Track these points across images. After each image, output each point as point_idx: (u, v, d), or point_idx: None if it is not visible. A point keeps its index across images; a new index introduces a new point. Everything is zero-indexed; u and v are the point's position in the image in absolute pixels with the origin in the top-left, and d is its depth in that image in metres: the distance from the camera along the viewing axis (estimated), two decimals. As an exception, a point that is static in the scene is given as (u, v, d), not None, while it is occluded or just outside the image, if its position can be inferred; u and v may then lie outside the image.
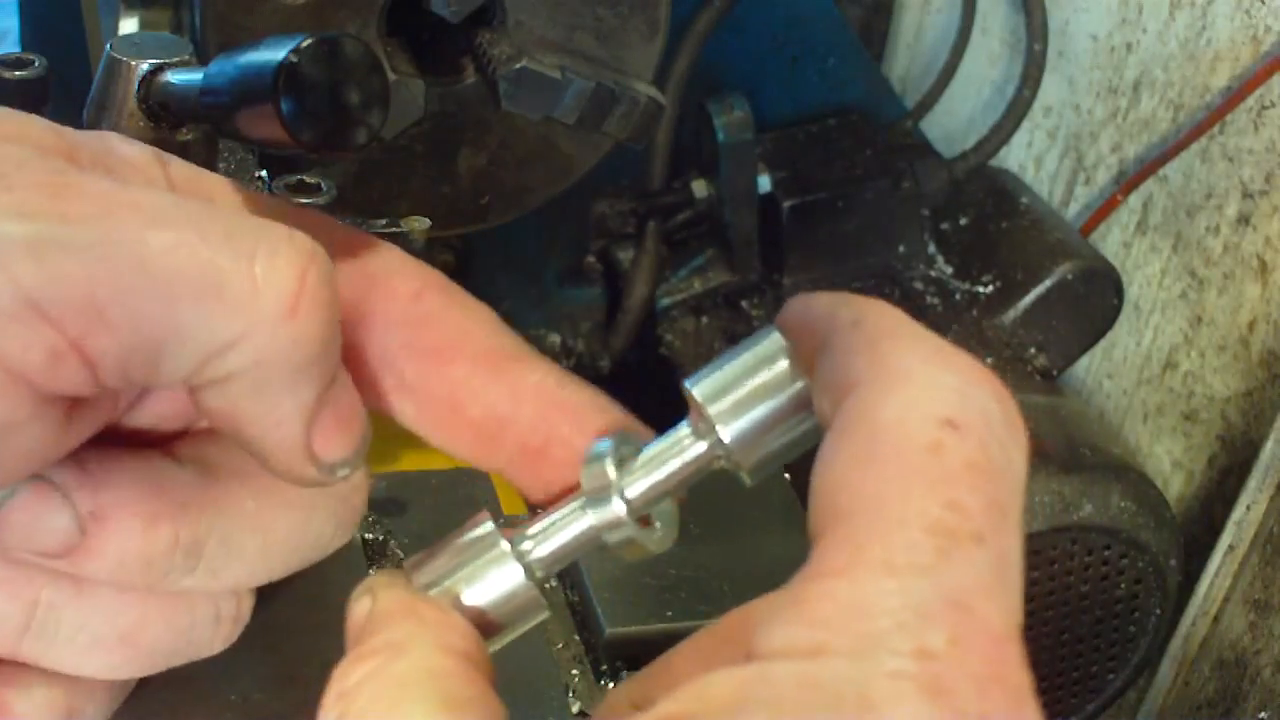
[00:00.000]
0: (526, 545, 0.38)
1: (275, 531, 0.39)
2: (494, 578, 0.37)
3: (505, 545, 0.37)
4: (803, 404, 0.36)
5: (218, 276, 0.31)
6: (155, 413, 0.39)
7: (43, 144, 0.35)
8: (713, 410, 0.36)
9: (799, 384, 0.36)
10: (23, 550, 0.35)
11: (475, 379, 0.40)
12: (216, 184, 0.40)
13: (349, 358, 0.39)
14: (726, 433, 0.36)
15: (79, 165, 0.35)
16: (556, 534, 0.38)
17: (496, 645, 0.37)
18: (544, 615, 0.38)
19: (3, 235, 0.30)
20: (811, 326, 0.35)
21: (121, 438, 0.39)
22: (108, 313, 0.31)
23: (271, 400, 0.34)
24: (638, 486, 0.38)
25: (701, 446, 0.37)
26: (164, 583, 0.37)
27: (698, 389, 0.37)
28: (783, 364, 0.36)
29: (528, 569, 0.37)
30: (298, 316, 0.32)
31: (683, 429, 0.38)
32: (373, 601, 0.36)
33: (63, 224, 0.30)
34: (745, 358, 0.37)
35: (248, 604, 0.41)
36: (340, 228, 0.41)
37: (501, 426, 0.40)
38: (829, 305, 0.34)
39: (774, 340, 0.36)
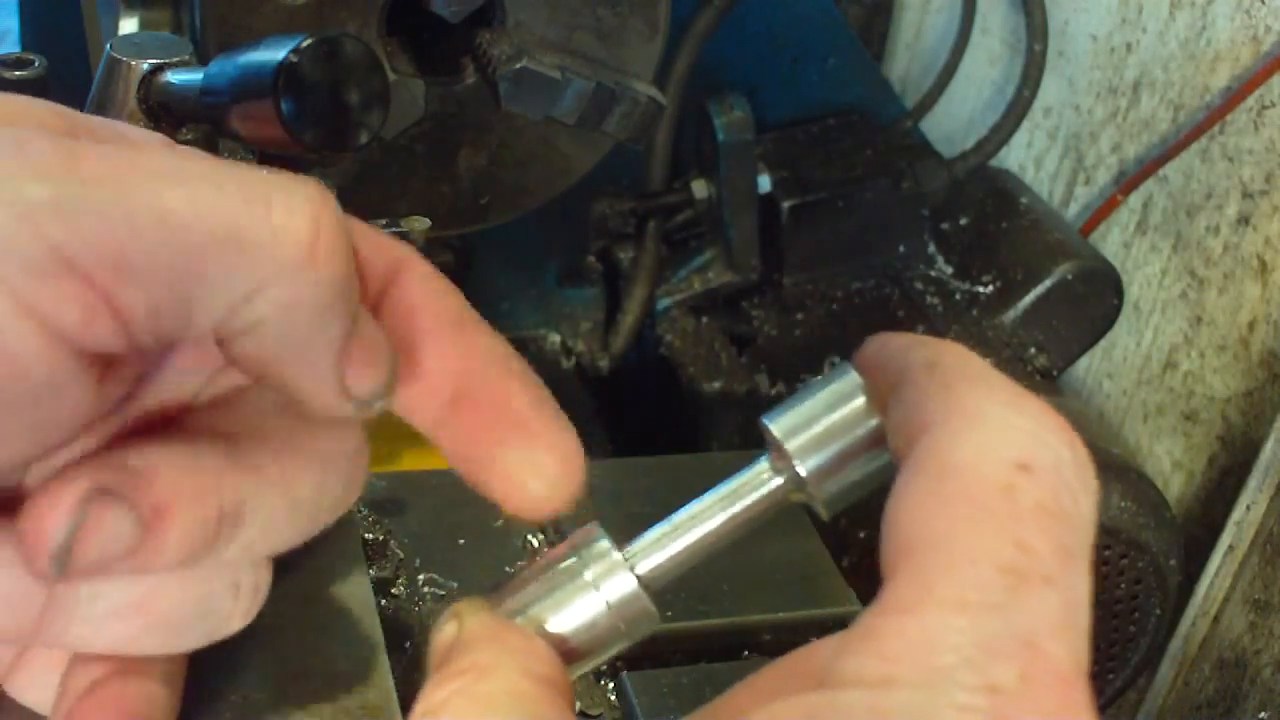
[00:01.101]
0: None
1: (299, 492, 0.39)
2: (577, 606, 0.38)
3: (589, 575, 0.38)
4: (877, 441, 0.37)
5: (236, 227, 0.32)
6: (171, 384, 0.40)
7: (48, 124, 0.35)
8: (791, 446, 0.38)
9: (874, 421, 0.37)
10: (96, 566, 0.35)
11: (439, 338, 0.41)
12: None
13: None
14: (804, 467, 0.38)
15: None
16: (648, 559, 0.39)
17: (579, 671, 0.38)
18: (627, 644, 0.39)
19: (29, 196, 0.30)
20: (887, 365, 0.36)
21: (142, 419, 0.39)
22: (135, 267, 0.31)
23: (301, 341, 0.35)
24: (713, 520, 0.39)
25: (778, 481, 0.39)
26: (210, 558, 0.37)
27: (775, 425, 0.38)
28: (859, 401, 0.38)
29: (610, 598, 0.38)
30: (316, 259, 0.33)
31: (761, 464, 0.39)
32: (459, 626, 0.37)
33: (83, 185, 0.31)
34: (822, 395, 0.38)
35: (266, 576, 0.41)
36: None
37: (447, 381, 0.41)
38: (904, 346, 0.36)
39: (851, 379, 0.38)
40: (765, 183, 1.34)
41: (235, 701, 0.50)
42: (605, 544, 0.38)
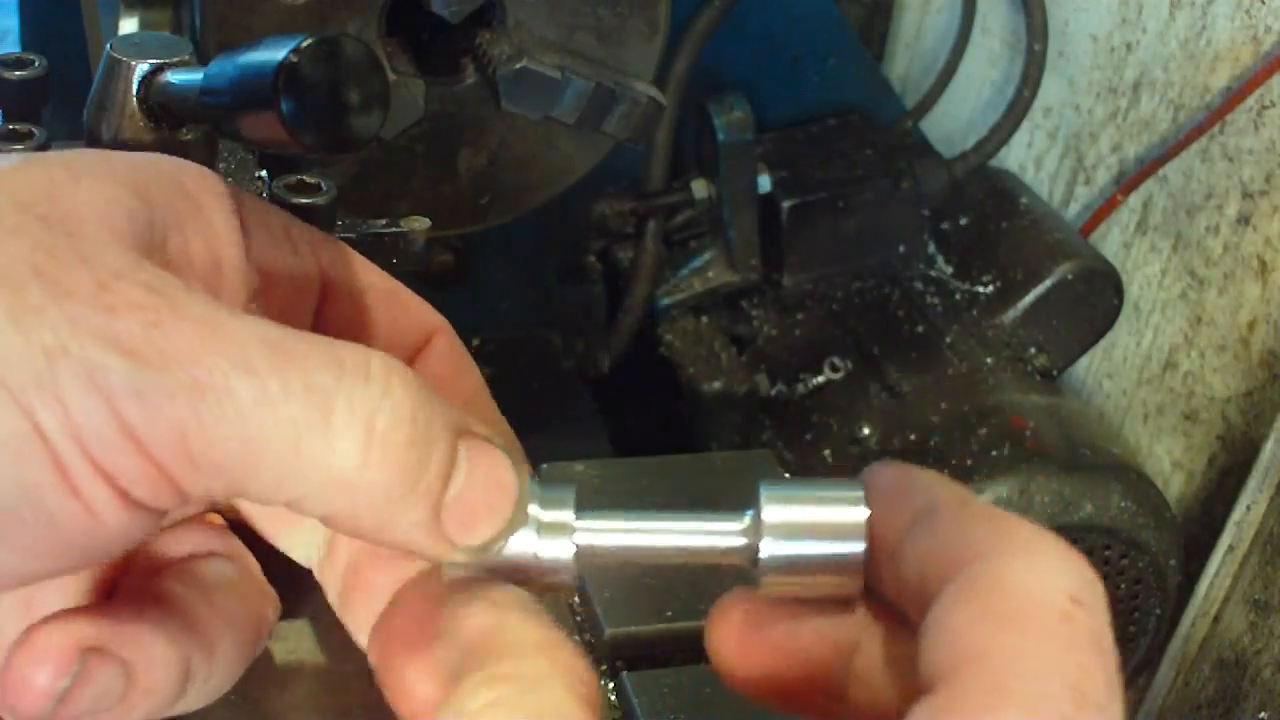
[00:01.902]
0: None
1: (230, 653, 0.43)
2: (512, 541, 0.38)
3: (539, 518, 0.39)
4: (850, 568, 0.37)
5: (295, 435, 0.34)
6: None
7: (131, 216, 0.37)
8: (767, 527, 0.37)
9: (859, 547, 0.37)
10: (81, 716, 0.38)
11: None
12: (271, 211, 0.43)
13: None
14: (765, 554, 0.37)
15: (159, 244, 0.37)
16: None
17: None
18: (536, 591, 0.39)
19: (110, 369, 0.33)
20: (909, 494, 0.37)
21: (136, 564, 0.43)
22: (197, 457, 0.34)
23: (371, 528, 0.36)
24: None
25: (738, 544, 0.38)
26: (172, 705, 0.41)
27: (767, 499, 0.38)
28: (855, 519, 0.37)
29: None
30: (368, 469, 0.35)
31: (739, 522, 0.39)
32: (495, 615, 0.36)
33: (162, 368, 0.33)
34: (826, 496, 0.38)
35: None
36: (374, 267, 0.45)
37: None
38: (930, 481, 0.37)
39: (858, 495, 0.38)
40: (765, 183, 1.34)
41: (235, 701, 0.50)
42: (568, 508, 0.39)
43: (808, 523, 0.37)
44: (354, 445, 0.34)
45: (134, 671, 0.39)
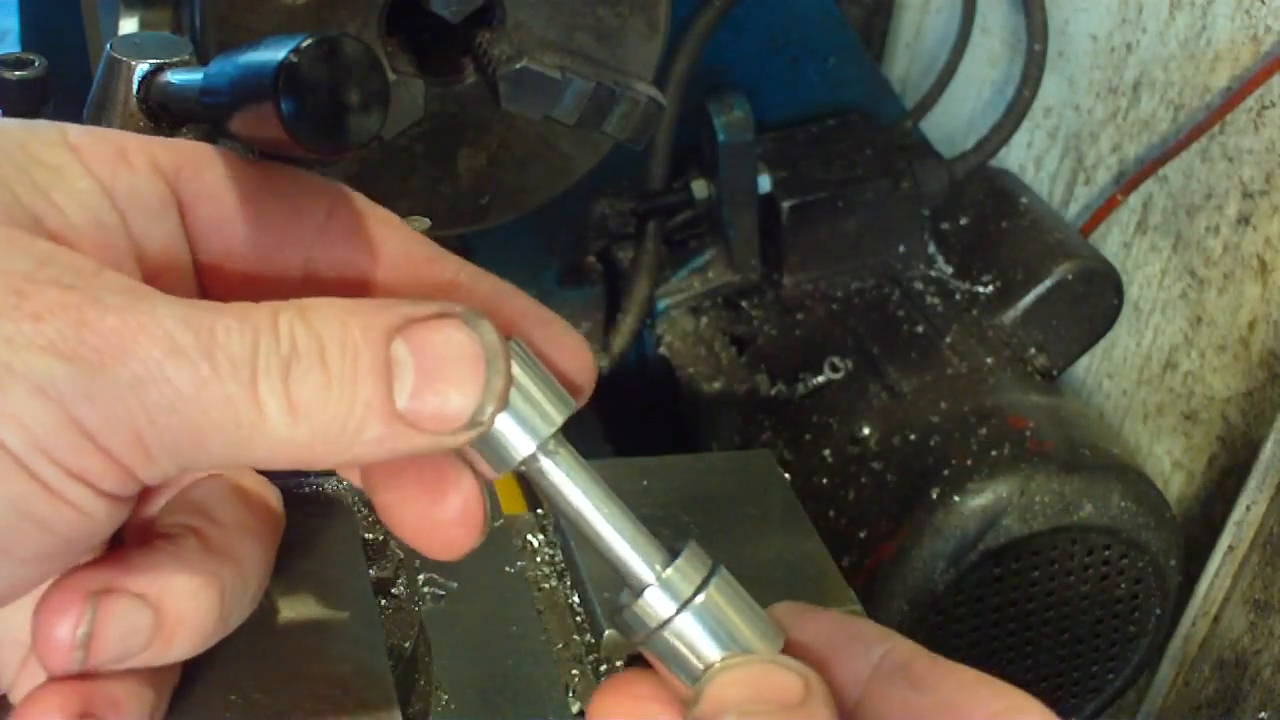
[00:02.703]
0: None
1: (256, 570, 0.44)
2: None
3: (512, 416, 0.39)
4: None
5: (233, 410, 0.35)
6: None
7: (4, 207, 0.37)
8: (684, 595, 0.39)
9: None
10: (117, 658, 0.40)
11: (393, 279, 0.44)
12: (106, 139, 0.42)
13: (254, 259, 0.43)
14: (645, 619, 0.39)
15: (37, 222, 0.38)
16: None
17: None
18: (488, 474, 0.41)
19: (57, 376, 0.34)
20: (856, 646, 0.39)
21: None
22: (151, 448, 0.35)
23: (335, 462, 0.38)
24: None
25: (645, 578, 0.40)
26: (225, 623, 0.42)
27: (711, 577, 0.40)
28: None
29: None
30: (298, 423, 0.36)
31: (659, 563, 0.40)
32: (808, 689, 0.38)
33: (102, 367, 0.34)
34: (751, 612, 0.40)
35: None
36: (239, 157, 0.44)
37: None
38: (877, 634, 0.40)
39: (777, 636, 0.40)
40: (765, 183, 1.34)
41: (235, 701, 0.50)
42: (554, 429, 0.40)
43: (717, 619, 0.39)
44: (279, 406, 0.36)
45: (158, 604, 0.40)
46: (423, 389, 0.37)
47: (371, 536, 0.63)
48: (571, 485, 0.40)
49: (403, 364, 0.37)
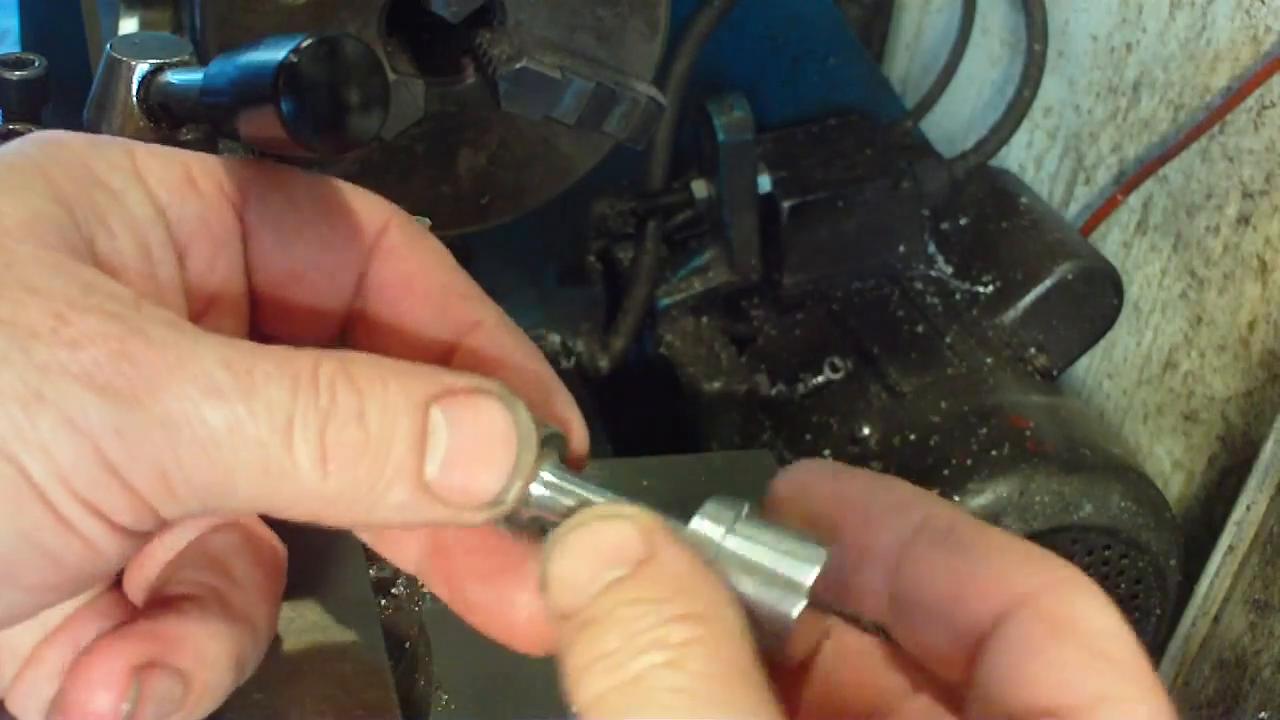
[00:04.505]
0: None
1: (267, 627, 0.44)
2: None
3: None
4: (778, 624, 0.36)
5: (264, 456, 0.35)
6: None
7: (58, 227, 0.37)
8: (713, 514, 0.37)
9: (797, 605, 0.36)
10: None
11: (425, 310, 0.43)
12: (171, 159, 0.42)
13: (311, 282, 0.43)
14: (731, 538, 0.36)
15: (88, 245, 0.38)
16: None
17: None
18: None
19: (88, 408, 0.34)
20: (892, 506, 0.37)
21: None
22: (176, 487, 0.35)
23: (358, 522, 0.38)
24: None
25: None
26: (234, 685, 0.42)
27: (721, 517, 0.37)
28: (814, 569, 0.36)
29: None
30: (328, 478, 0.36)
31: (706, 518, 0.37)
32: (647, 544, 0.35)
33: (136, 403, 0.34)
34: (783, 541, 0.36)
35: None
36: (300, 174, 0.44)
37: (442, 358, 0.43)
38: (914, 494, 0.38)
39: (819, 554, 0.36)
40: (765, 183, 1.34)
41: (235, 701, 0.50)
42: (552, 452, 0.39)
43: (749, 561, 0.36)
44: (311, 458, 0.36)
45: (190, 676, 0.40)
46: (453, 462, 0.37)
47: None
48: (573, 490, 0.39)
49: (437, 434, 0.37)
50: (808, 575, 0.36)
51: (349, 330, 0.45)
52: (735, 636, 0.33)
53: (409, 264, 0.44)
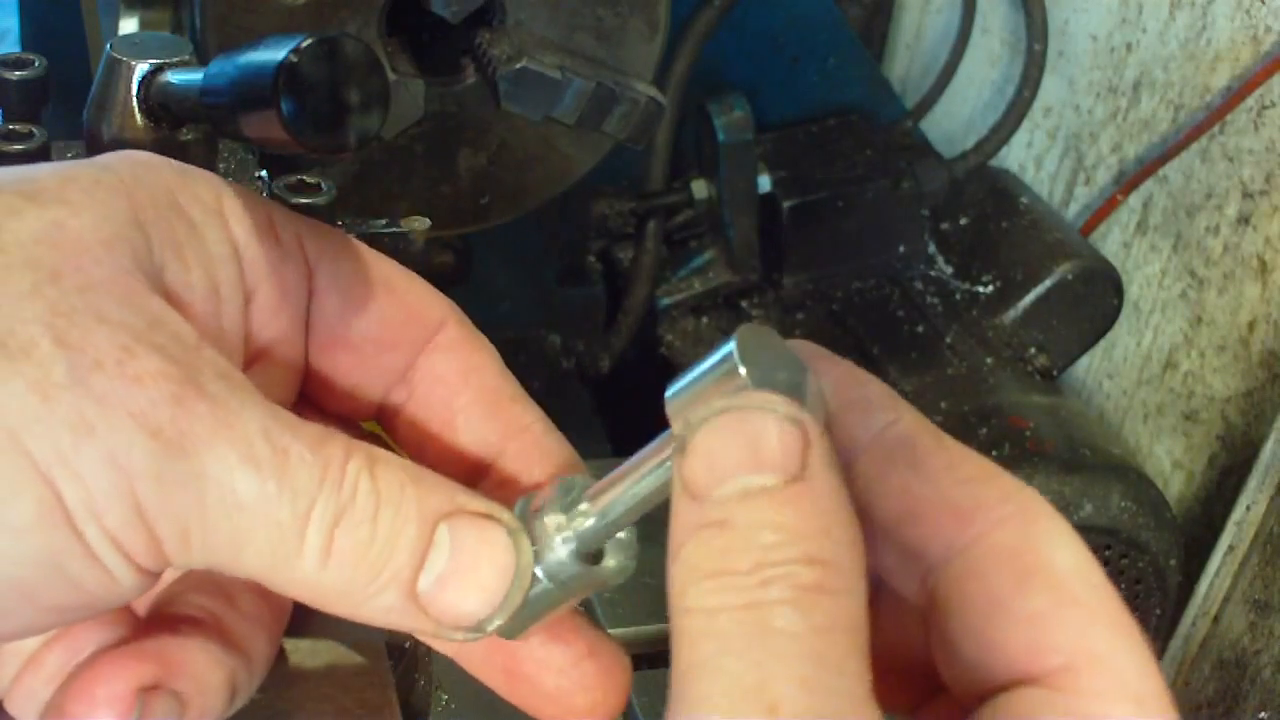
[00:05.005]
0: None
1: (264, 654, 0.44)
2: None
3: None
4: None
5: (278, 534, 0.36)
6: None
7: (134, 252, 0.37)
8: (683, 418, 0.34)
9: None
10: None
11: (476, 409, 0.44)
12: (256, 206, 0.42)
13: (364, 356, 0.43)
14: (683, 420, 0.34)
15: (158, 273, 0.38)
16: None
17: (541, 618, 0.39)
18: (573, 599, 0.40)
19: (134, 448, 0.34)
20: (858, 403, 0.36)
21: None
22: (192, 541, 0.36)
23: (347, 613, 0.38)
24: (586, 526, 0.39)
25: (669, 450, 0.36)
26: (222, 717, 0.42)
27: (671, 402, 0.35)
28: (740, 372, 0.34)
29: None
30: (326, 571, 0.37)
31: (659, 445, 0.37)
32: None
33: (181, 454, 0.35)
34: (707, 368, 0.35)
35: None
36: (373, 253, 0.44)
37: (488, 457, 0.44)
38: (882, 393, 0.37)
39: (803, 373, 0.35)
40: (765, 183, 1.34)
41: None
42: (554, 515, 0.39)
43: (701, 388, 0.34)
44: (317, 549, 0.36)
45: (188, 701, 0.40)
46: (447, 580, 0.38)
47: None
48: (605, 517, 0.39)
49: (439, 550, 0.38)
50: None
51: (392, 418, 0.45)
52: (859, 596, 0.32)
53: (464, 361, 0.44)
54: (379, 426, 0.46)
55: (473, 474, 0.44)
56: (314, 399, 0.45)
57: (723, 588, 0.31)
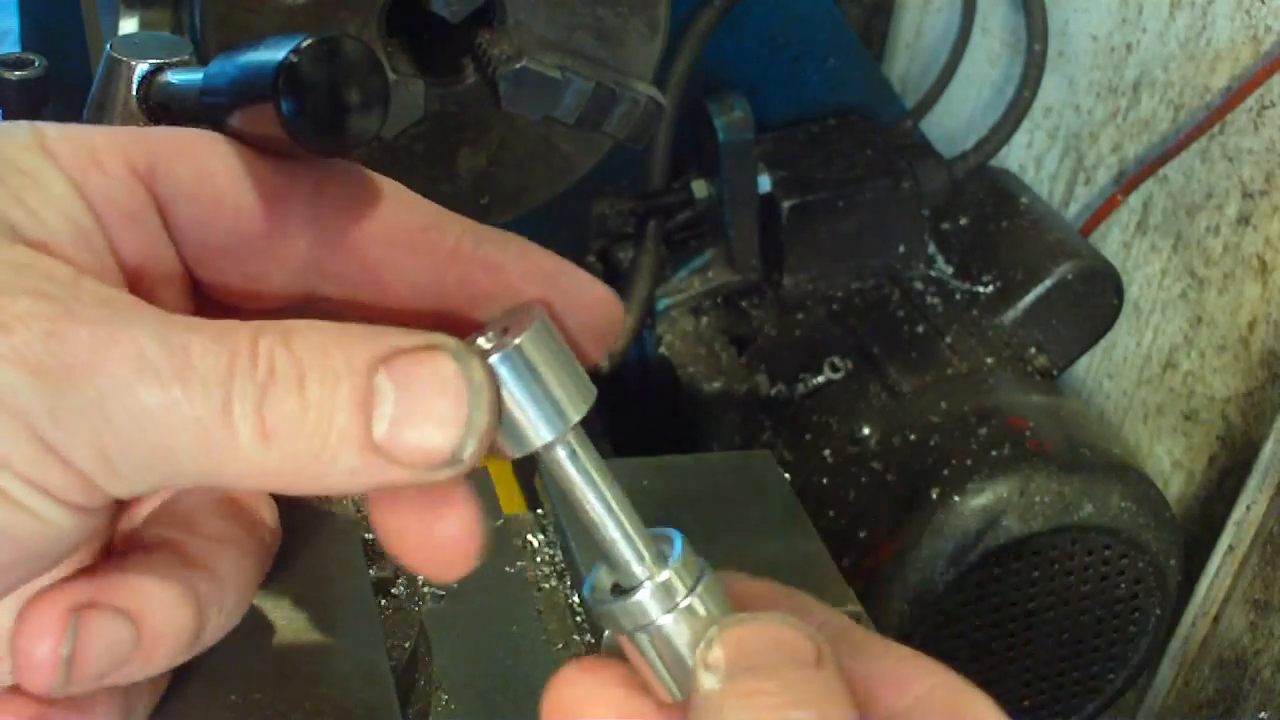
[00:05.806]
0: None
1: (240, 580, 0.44)
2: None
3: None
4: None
5: (204, 434, 0.35)
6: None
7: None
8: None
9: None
10: (96, 677, 0.39)
11: (392, 257, 0.42)
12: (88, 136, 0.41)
13: (247, 252, 0.42)
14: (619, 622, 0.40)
15: (10, 230, 0.37)
16: None
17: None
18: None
19: (19, 390, 0.34)
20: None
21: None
22: (117, 465, 0.35)
23: (309, 489, 0.37)
24: None
25: (638, 576, 0.40)
26: (189, 656, 0.42)
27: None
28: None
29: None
30: (271, 451, 0.36)
31: (653, 562, 0.41)
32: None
33: (69, 384, 0.34)
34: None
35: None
36: (221, 143, 0.42)
37: (436, 295, 0.42)
38: (809, 603, 0.44)
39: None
40: (765, 183, 1.34)
41: (235, 702, 0.50)
42: (569, 425, 0.39)
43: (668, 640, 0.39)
44: (251, 432, 0.36)
45: (138, 617, 0.40)
46: (401, 422, 0.36)
47: (371, 536, 0.63)
48: (580, 478, 0.40)
49: (384, 396, 0.37)
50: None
51: (320, 297, 0.43)
52: None
53: (355, 214, 0.42)
54: None
55: (437, 321, 0.42)
56: (232, 309, 0.43)
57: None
